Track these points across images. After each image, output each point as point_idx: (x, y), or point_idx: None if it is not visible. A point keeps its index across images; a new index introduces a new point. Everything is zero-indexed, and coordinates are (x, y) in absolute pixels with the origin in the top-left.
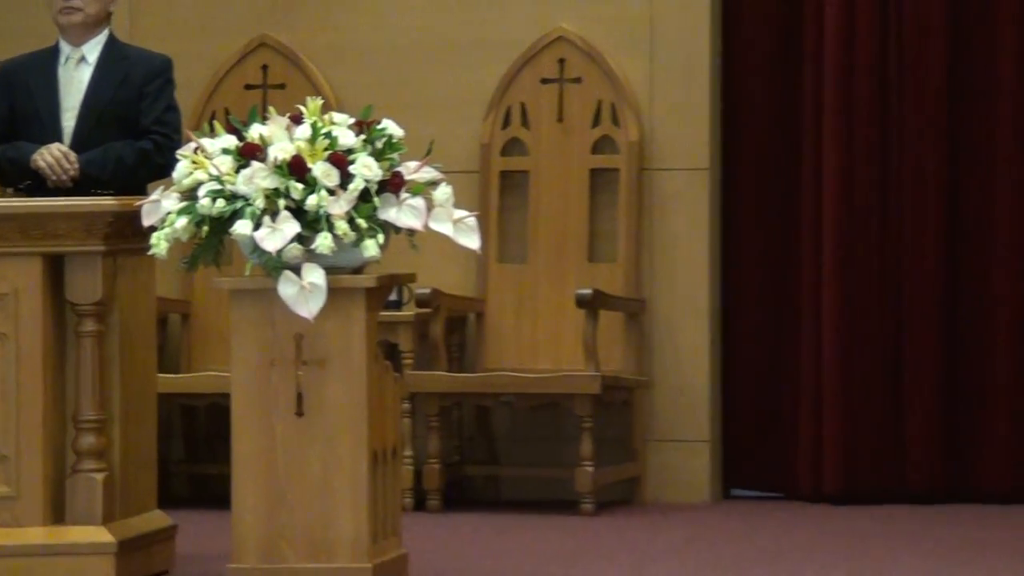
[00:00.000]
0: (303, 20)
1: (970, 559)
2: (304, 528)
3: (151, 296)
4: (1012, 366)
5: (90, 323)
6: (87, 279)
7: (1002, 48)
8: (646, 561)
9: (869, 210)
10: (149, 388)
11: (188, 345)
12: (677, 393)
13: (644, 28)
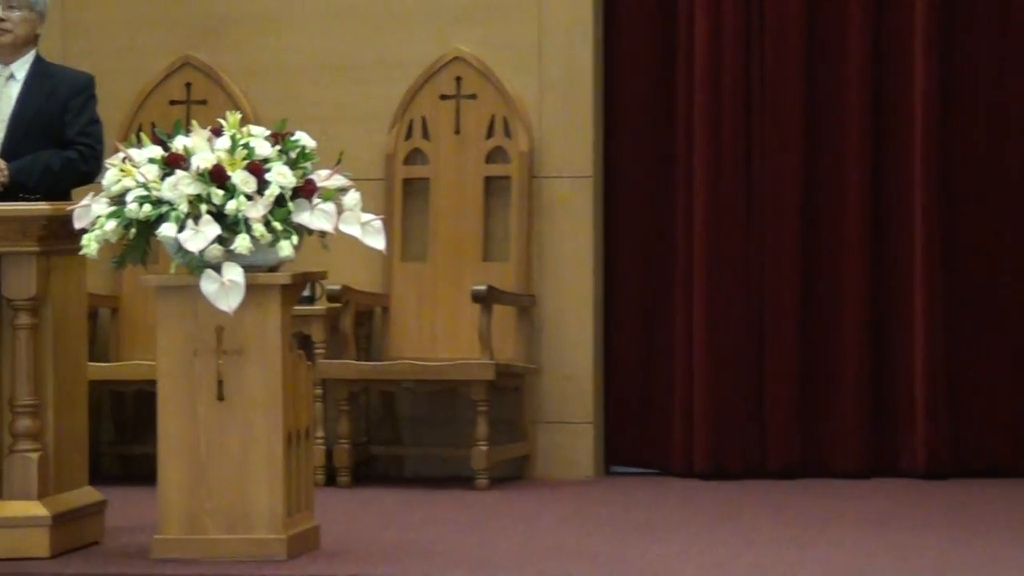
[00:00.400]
0: (223, 42)
1: (824, 528)
2: (224, 502)
3: (82, 292)
4: (860, 355)
5: (25, 317)
6: (22, 277)
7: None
8: (535, 531)
9: (734, 213)
10: (80, 375)
11: (117, 337)
12: (563, 379)
13: (533, 49)
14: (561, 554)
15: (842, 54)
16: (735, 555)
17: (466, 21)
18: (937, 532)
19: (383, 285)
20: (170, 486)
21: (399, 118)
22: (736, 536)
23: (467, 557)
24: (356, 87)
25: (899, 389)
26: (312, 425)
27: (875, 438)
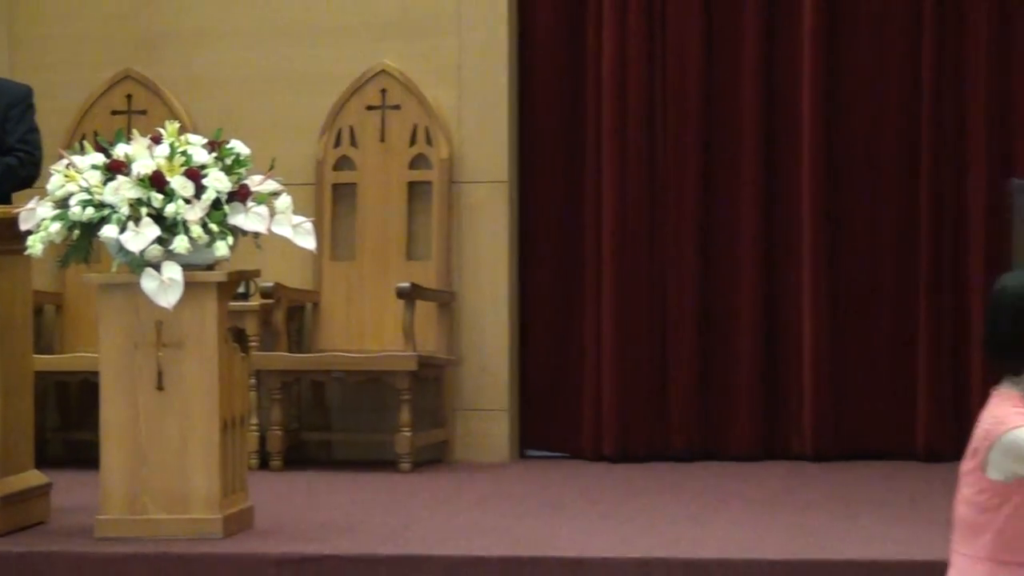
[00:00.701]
0: (162, 56)
1: (721, 506)
2: (163, 485)
3: (27, 289)
4: (753, 349)
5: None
6: None
7: (743, 81)
8: (455, 511)
9: (639, 215)
10: (26, 367)
11: (61, 331)
12: (480, 370)
13: (453, 64)
14: (478, 532)
15: (737, 71)
16: (640, 532)
17: (390, 37)
18: (823, 510)
19: (313, 282)
20: (112, 470)
21: (328, 127)
22: (641, 514)
23: (391, 535)
24: (288, 98)
25: (789, 379)
26: (246, 413)
27: (767, 424)
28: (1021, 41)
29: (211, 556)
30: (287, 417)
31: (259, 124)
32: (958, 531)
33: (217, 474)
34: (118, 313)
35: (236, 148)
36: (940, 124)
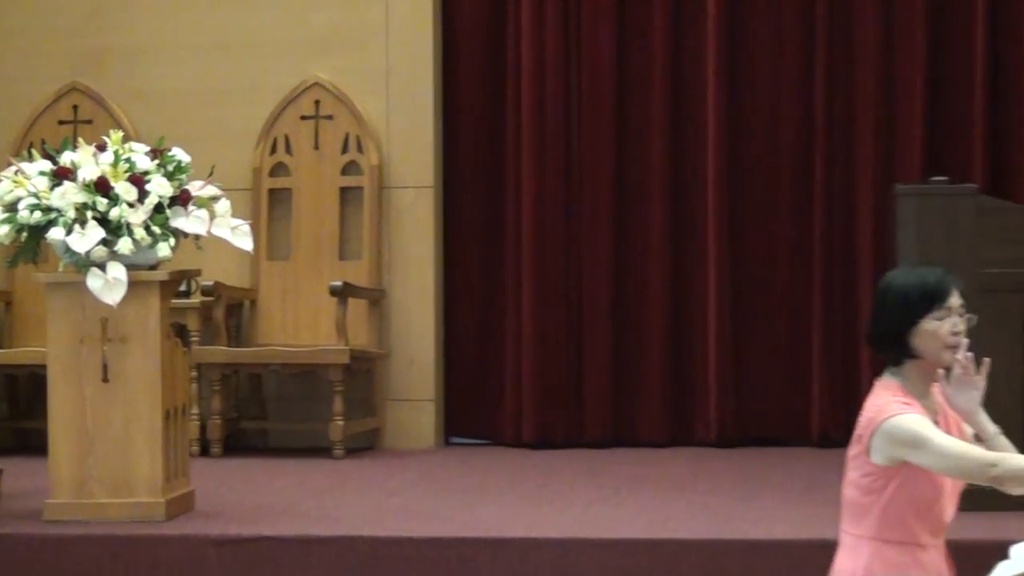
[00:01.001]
0: (106, 69)
1: (633, 490)
2: (109, 470)
3: None
4: (662, 343)
5: None
6: None
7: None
8: (384, 494)
9: (556, 217)
10: None
11: (11, 327)
12: (408, 362)
13: (381, 76)
14: (406, 514)
15: (647, 88)
16: (558, 514)
17: (323, 52)
18: (727, 492)
19: (251, 281)
20: (60, 457)
21: (264, 136)
22: (559, 497)
23: (324, 517)
24: (226, 109)
25: (694, 371)
26: (187, 403)
27: (675, 413)
28: (903, 62)
29: (154, 537)
30: (226, 407)
31: (199, 133)
32: (846, 512)
33: (160, 460)
34: (65, 310)
35: (177, 155)
36: (831, 138)
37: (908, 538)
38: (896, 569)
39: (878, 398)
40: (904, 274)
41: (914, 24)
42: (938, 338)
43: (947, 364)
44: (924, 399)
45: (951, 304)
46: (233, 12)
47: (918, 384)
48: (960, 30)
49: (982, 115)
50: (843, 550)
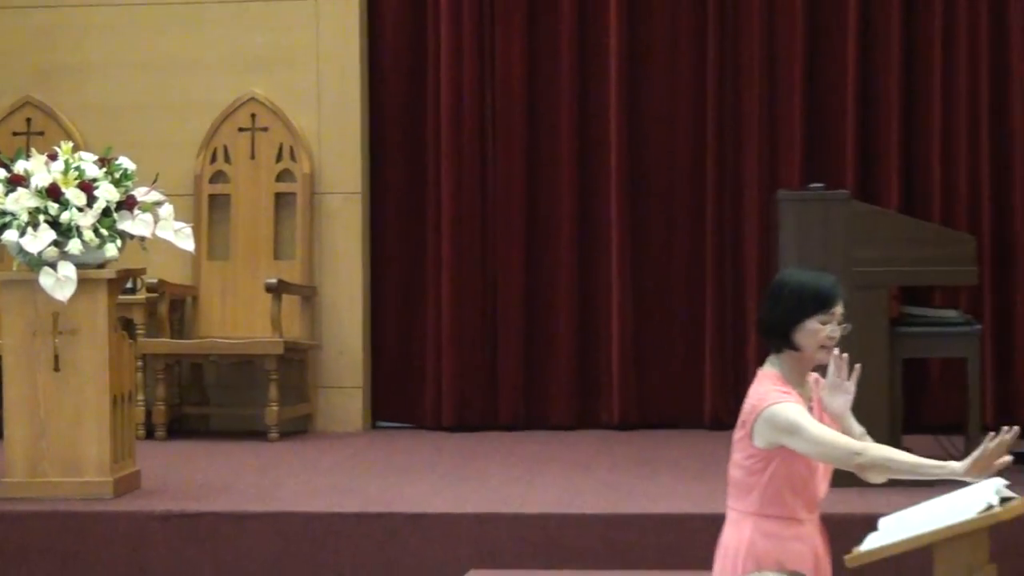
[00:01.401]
0: (57, 85)
1: (543, 469)
2: (60, 452)
3: None
4: (570, 333)
5: None
6: None
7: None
8: (315, 474)
9: (473, 221)
10: None
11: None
12: (338, 353)
13: (313, 92)
14: (336, 492)
15: (555, 101)
16: (474, 491)
17: (259, 69)
18: (627, 471)
19: (192, 279)
20: (15, 440)
21: (205, 146)
22: (475, 476)
23: (260, 494)
24: (170, 121)
25: (599, 360)
26: (133, 390)
27: (581, 398)
28: (783, 82)
29: (103, 514)
30: (170, 394)
31: (144, 143)
32: (731, 490)
33: (108, 443)
34: (19, 305)
35: (123, 164)
36: (721, 149)
37: (786, 513)
38: (775, 541)
39: (760, 386)
40: (800, 274)
41: (793, 47)
42: (817, 338)
43: (819, 362)
44: (800, 387)
45: (835, 311)
46: (176, 32)
47: (794, 374)
48: (834, 54)
49: (853, 129)
50: (729, 524)
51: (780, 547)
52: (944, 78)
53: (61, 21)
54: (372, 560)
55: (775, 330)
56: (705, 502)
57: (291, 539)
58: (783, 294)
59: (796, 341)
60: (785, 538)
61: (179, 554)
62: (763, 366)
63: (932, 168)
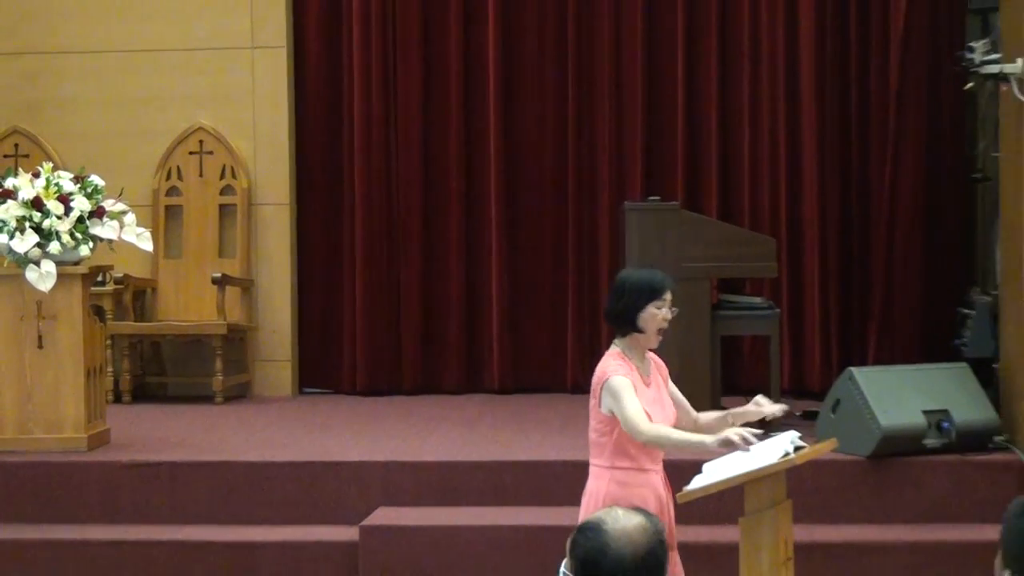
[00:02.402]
0: (40, 116)
1: (437, 426)
2: (44, 413)
3: None
4: (458, 313)
5: None
6: None
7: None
8: (253, 431)
9: (379, 225)
10: None
11: None
12: (272, 332)
13: (250, 123)
14: (270, 445)
15: (445, 132)
16: (382, 444)
17: (206, 105)
18: (506, 427)
19: (152, 273)
20: (6, 404)
21: (162, 166)
22: (382, 431)
23: (208, 448)
24: (133, 146)
25: (483, 338)
26: (104, 363)
27: (468, 368)
28: (628, 109)
29: (79, 463)
30: (133, 366)
31: (112, 164)
32: (591, 449)
33: (83, 406)
34: (9, 295)
35: (94, 181)
36: (580, 164)
37: (634, 465)
38: (627, 488)
39: (605, 362)
40: (637, 272)
41: (635, 83)
42: (655, 321)
43: (656, 340)
44: (640, 363)
45: (667, 298)
46: (138, 75)
47: (635, 352)
48: (666, 87)
49: (683, 151)
50: (591, 477)
51: (630, 492)
52: (751, 108)
53: (44, 65)
54: (299, 500)
55: (622, 317)
56: (566, 452)
57: (233, 483)
58: (625, 288)
59: (638, 325)
60: (634, 485)
61: (142, 496)
62: (612, 344)
63: (743, 183)
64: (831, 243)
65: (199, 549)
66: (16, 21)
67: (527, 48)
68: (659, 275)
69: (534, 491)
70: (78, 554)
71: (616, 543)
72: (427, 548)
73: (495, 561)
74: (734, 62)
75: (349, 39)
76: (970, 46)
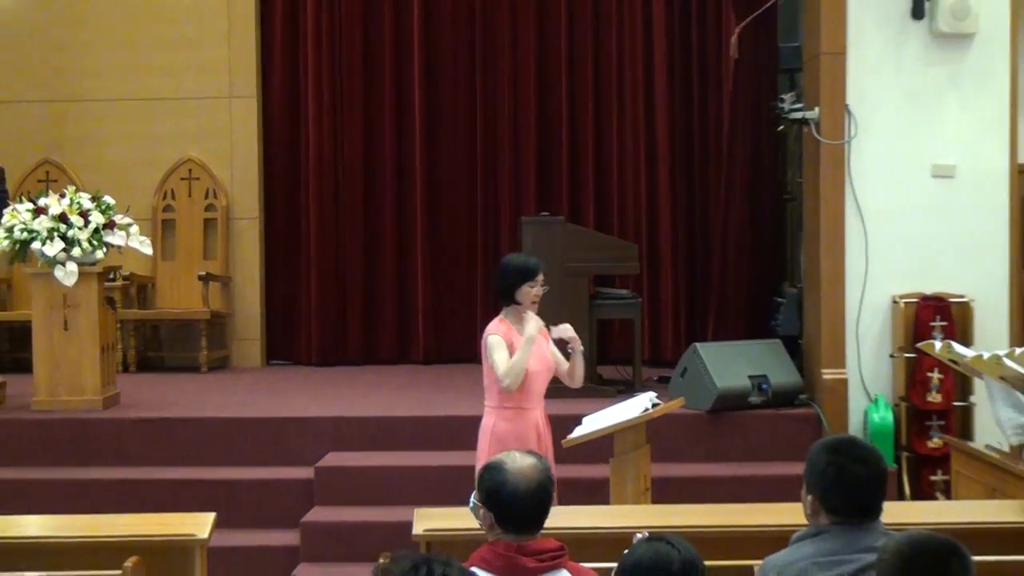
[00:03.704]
0: (66, 150)
1: (374, 389)
2: (69, 380)
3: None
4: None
5: None
6: None
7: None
8: (231, 393)
9: (328, 231)
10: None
11: (11, 299)
12: (245, 317)
13: (228, 156)
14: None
15: (382, 159)
16: (331, 403)
17: (194, 141)
18: (430, 389)
19: (151, 272)
20: (40, 374)
21: (159, 189)
22: (332, 394)
23: (196, 406)
24: (137, 173)
25: (411, 318)
26: (115, 341)
27: (400, 342)
28: (522, 142)
29: (96, 419)
30: (138, 343)
31: (121, 187)
32: (485, 392)
33: (99, 375)
34: (42, 288)
35: (107, 200)
36: (486, 186)
37: (517, 405)
38: (511, 424)
39: (489, 326)
40: (515, 257)
41: (528, 117)
42: (530, 296)
43: (533, 309)
44: (517, 326)
45: (539, 279)
46: (141, 118)
47: (515, 319)
48: (552, 118)
49: (566, 173)
50: (484, 415)
51: (514, 427)
52: (619, 142)
53: (70, 111)
54: (266, 447)
55: (505, 293)
56: (476, 409)
57: (215, 434)
58: (507, 271)
59: (518, 299)
60: (516, 421)
61: (145, 444)
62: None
63: (613, 200)
64: (680, 248)
65: (189, 485)
66: (49, 76)
67: (445, 100)
68: (533, 260)
69: (450, 439)
70: (95, 489)
71: (513, 478)
72: (367, 483)
73: (419, 493)
74: (606, 106)
75: (305, 92)
76: (781, 98)
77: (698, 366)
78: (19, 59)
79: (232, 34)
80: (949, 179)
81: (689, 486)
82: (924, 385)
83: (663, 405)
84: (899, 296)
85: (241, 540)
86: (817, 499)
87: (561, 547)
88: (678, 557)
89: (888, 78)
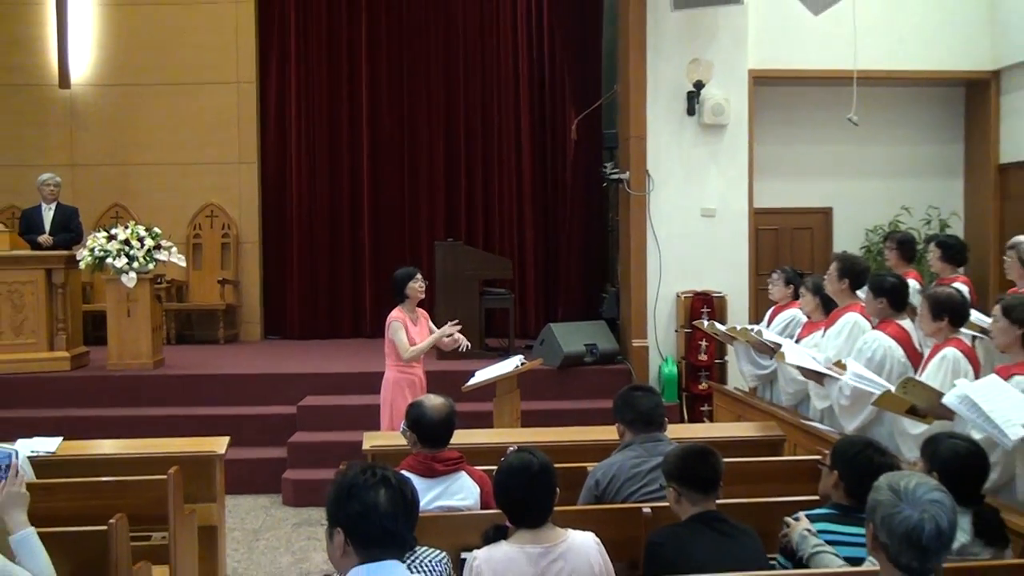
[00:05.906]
0: (128, 196)
1: (337, 356)
2: (132, 349)
3: (77, 280)
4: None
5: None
6: (59, 275)
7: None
8: (239, 358)
9: (307, 251)
10: (77, 311)
11: (93, 298)
12: (251, 308)
13: (237, 199)
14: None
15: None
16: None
17: (213, 191)
18: (377, 355)
19: (186, 278)
20: (113, 345)
21: (191, 222)
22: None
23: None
24: (176, 212)
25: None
26: (161, 324)
27: (354, 322)
28: (437, 182)
29: (149, 376)
30: (178, 325)
31: (165, 221)
32: (386, 357)
33: (151, 346)
34: (114, 290)
35: (156, 230)
36: (413, 217)
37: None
38: (403, 375)
39: (392, 313)
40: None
41: (438, 169)
42: (414, 291)
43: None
44: (411, 314)
45: (418, 278)
46: (179, 174)
47: (410, 308)
48: (455, 169)
49: (465, 210)
50: (386, 371)
51: (405, 378)
52: (499, 186)
53: (131, 169)
54: (264, 392)
55: (399, 291)
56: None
57: (229, 384)
58: (397, 278)
59: (407, 294)
60: (407, 374)
61: (181, 391)
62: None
63: (496, 226)
64: (540, 259)
65: (210, 419)
66: (114, 148)
67: (384, 164)
68: (412, 268)
69: None
70: (148, 422)
71: (429, 412)
72: (332, 416)
73: (366, 422)
74: (491, 166)
75: (289, 160)
76: (605, 165)
77: (552, 338)
78: (97, 136)
79: (240, 121)
80: (711, 217)
81: (545, 416)
82: (696, 349)
83: (528, 363)
84: (681, 292)
85: (247, 455)
86: (621, 422)
87: (460, 456)
88: (537, 462)
89: (673, 152)
